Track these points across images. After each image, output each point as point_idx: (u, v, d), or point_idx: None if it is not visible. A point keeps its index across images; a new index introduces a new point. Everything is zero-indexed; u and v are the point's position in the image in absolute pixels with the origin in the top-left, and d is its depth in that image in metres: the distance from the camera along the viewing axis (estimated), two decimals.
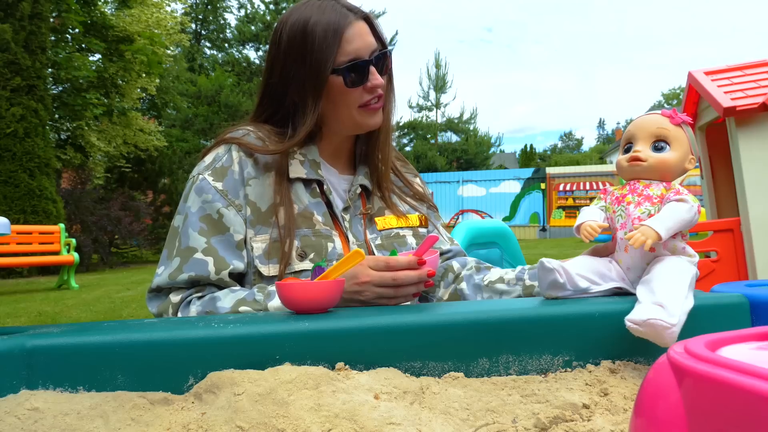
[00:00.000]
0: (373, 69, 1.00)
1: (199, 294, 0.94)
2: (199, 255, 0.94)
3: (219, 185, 0.98)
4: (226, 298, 0.91)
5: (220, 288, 0.96)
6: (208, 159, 1.02)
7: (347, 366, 0.66)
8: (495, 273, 1.14)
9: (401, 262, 0.88)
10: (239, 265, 0.96)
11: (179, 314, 0.92)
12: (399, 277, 0.87)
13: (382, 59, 1.03)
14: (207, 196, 0.97)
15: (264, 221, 0.98)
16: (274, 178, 1.00)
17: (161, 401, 0.61)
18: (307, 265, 0.97)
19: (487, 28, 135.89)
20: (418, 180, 1.27)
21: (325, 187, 1.05)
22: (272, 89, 1.06)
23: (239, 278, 1.00)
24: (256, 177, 1.00)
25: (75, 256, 7.33)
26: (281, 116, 1.07)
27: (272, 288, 0.92)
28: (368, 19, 1.04)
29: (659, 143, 0.84)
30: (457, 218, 16.97)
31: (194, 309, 0.92)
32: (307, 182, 1.04)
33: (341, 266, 0.79)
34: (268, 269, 0.96)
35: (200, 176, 0.99)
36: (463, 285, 1.14)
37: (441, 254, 1.21)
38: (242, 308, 0.89)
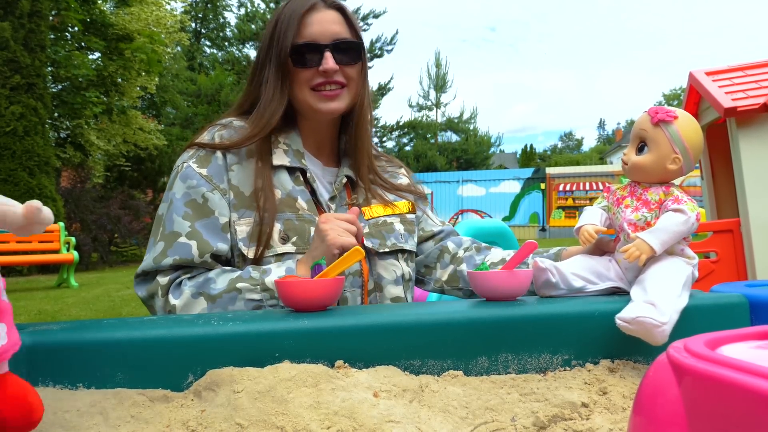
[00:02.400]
0: (328, 54, 1.02)
1: (190, 275, 0.95)
2: (182, 239, 0.95)
3: (203, 171, 1.01)
4: (220, 278, 0.92)
5: (207, 269, 0.97)
6: (192, 150, 1.05)
7: (347, 364, 0.66)
8: (497, 254, 1.14)
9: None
10: (223, 247, 0.98)
11: (170, 295, 0.93)
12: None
13: (345, 48, 1.04)
14: (192, 182, 0.99)
15: (248, 205, 1.00)
16: (256, 164, 1.03)
17: (161, 398, 0.61)
18: (289, 248, 0.99)
19: (490, 28, 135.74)
20: (403, 170, 1.27)
21: (308, 175, 1.07)
22: (253, 77, 1.10)
23: (226, 261, 1.01)
24: (238, 163, 1.03)
25: (75, 255, 7.33)
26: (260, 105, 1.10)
27: (269, 266, 0.93)
28: (341, 10, 1.07)
29: (641, 144, 0.84)
30: (457, 218, 16.96)
31: (187, 290, 0.92)
32: (291, 170, 1.06)
33: (341, 264, 0.79)
34: (251, 252, 0.98)
35: (185, 164, 1.02)
36: (464, 267, 1.14)
37: (432, 236, 1.21)
38: (239, 284, 0.90)
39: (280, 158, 1.05)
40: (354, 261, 0.79)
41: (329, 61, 1.02)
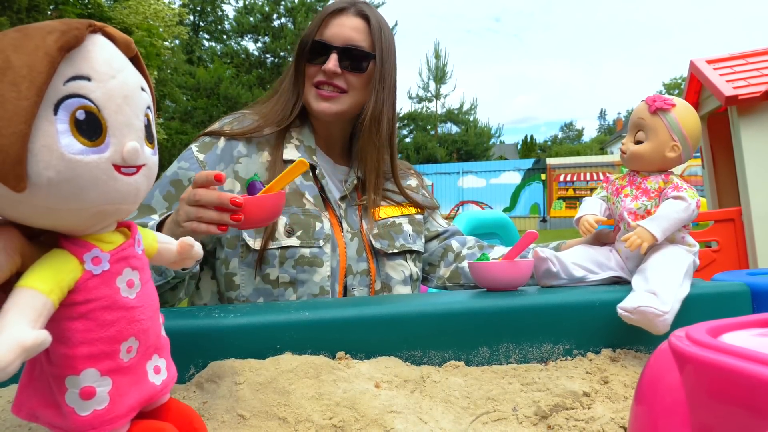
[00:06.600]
0: (333, 56, 1.03)
1: None
2: (155, 216, 0.97)
3: (201, 156, 1.04)
4: None
5: None
6: (202, 137, 1.09)
7: (348, 355, 0.67)
8: (498, 252, 1.15)
9: (199, 178, 0.75)
10: None
11: None
12: (197, 194, 0.74)
13: (354, 56, 1.04)
14: (185, 164, 1.03)
15: None
16: (267, 157, 1.05)
17: None
18: (293, 241, 0.99)
19: (495, 18, 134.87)
20: (414, 176, 1.27)
21: (318, 171, 1.07)
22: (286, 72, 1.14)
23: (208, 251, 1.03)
24: (247, 155, 1.05)
25: None
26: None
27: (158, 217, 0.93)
28: (368, 20, 1.07)
29: (639, 133, 0.84)
30: (458, 209, 16.96)
31: None
32: None
33: (284, 178, 0.74)
34: (257, 243, 0.99)
35: (189, 146, 1.06)
36: (465, 264, 1.16)
37: (437, 236, 1.22)
38: None
39: (290, 153, 1.06)
40: (298, 173, 0.74)
41: (331, 62, 1.03)
